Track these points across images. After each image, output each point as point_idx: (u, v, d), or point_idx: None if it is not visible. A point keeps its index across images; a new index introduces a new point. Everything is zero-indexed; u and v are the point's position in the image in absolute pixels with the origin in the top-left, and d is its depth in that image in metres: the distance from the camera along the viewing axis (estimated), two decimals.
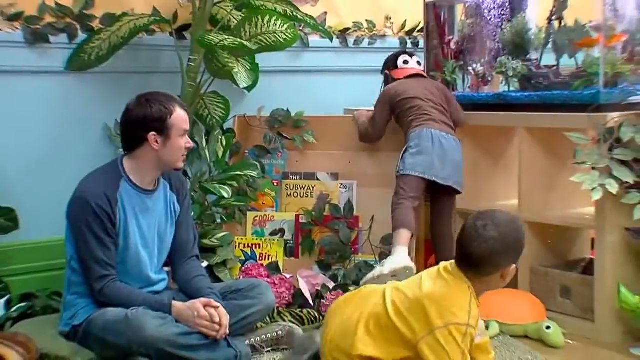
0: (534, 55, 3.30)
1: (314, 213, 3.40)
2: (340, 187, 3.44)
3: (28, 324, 2.71)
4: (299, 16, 3.42)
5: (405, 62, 3.39)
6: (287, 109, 3.55)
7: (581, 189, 2.85)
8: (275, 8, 3.36)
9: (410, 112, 3.20)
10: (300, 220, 3.39)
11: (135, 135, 2.48)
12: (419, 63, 3.44)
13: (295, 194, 3.46)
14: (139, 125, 2.46)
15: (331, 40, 3.72)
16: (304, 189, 3.45)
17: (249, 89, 3.66)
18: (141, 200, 2.53)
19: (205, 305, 2.43)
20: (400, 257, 2.89)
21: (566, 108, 3.03)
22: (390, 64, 3.42)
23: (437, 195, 3.22)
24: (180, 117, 2.50)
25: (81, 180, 2.52)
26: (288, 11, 3.40)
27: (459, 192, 3.21)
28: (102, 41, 3.22)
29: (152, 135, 2.47)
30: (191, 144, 2.55)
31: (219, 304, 2.45)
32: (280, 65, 3.82)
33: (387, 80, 3.42)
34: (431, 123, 3.15)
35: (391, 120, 3.32)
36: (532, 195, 3.18)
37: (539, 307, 3.02)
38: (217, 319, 2.40)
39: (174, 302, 2.46)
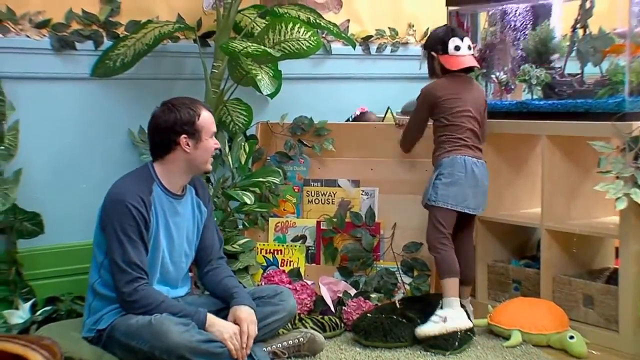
0: (557, 63, 3.30)
1: (335, 220, 3.39)
2: (361, 194, 3.43)
3: (53, 327, 2.70)
4: (322, 24, 3.43)
5: (457, 48, 3.02)
6: (310, 117, 3.56)
7: (605, 197, 2.83)
8: (298, 15, 3.39)
9: (447, 131, 3.03)
10: (322, 227, 3.39)
11: (166, 140, 2.51)
12: (469, 47, 3.08)
13: (317, 201, 3.46)
14: (169, 130, 2.50)
15: (354, 47, 3.71)
16: (325, 195, 3.45)
17: (272, 95, 3.65)
18: (172, 205, 2.56)
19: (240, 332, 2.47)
20: (461, 315, 2.89)
21: (590, 116, 3.02)
22: (439, 45, 3.05)
23: (460, 218, 3.12)
24: (207, 118, 2.55)
25: (114, 184, 2.54)
26: (311, 18, 3.41)
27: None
28: (127, 48, 3.24)
29: (183, 138, 2.51)
30: (219, 145, 2.60)
31: (253, 333, 2.48)
32: (303, 72, 3.83)
33: (433, 65, 3.09)
34: (464, 150, 3.02)
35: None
36: (555, 203, 3.16)
37: (562, 316, 3.01)
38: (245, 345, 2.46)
39: (209, 315, 2.46)
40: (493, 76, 3.54)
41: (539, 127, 3.17)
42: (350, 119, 3.73)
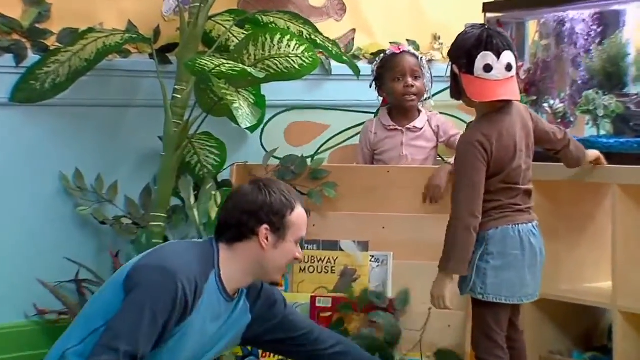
0: (633, 89, 3.27)
1: (349, 295, 3.30)
2: (370, 261, 3.38)
3: None
4: (318, 40, 3.44)
5: (488, 68, 2.77)
6: (302, 155, 3.51)
7: None
8: (288, 28, 3.40)
9: (496, 195, 2.86)
10: (317, 304, 3.34)
11: (244, 224, 2.58)
12: (509, 67, 2.80)
13: (311, 269, 3.39)
14: (253, 214, 2.58)
15: (357, 75, 3.68)
16: (322, 261, 3.40)
17: (253, 129, 3.65)
18: (219, 305, 2.61)
19: None
20: None
21: None
22: (464, 59, 2.81)
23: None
24: (301, 217, 2.65)
25: (169, 247, 2.65)
26: (304, 33, 3.44)
27: None
28: (59, 64, 3.25)
29: (264, 229, 2.58)
30: (301, 256, 2.69)
31: None
32: (294, 98, 3.84)
33: (456, 83, 2.86)
34: (517, 216, 2.86)
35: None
36: (632, 275, 3.13)
37: None
38: None
39: None
40: (546, 105, 3.50)
41: (608, 173, 3.15)
42: (375, 67, 3.60)
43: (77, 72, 3.24)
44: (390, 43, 4.02)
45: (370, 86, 3.58)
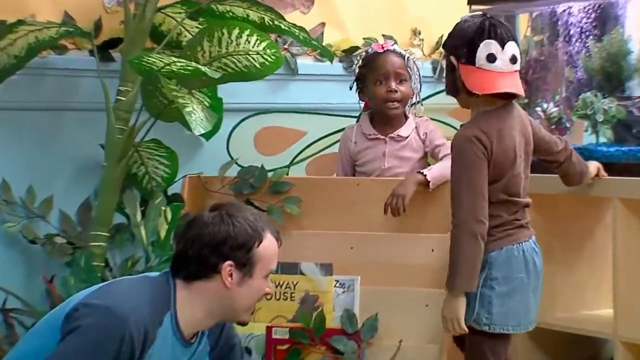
0: (636, 91, 3.32)
1: (307, 321, 3.28)
2: (335, 286, 3.34)
3: None
4: (282, 26, 3.41)
5: (492, 58, 2.79)
6: (262, 166, 3.51)
7: None
8: (247, 16, 3.38)
9: (496, 210, 2.85)
10: (274, 335, 3.33)
11: (205, 260, 2.52)
12: (513, 60, 2.84)
13: (269, 295, 3.21)
14: (213, 249, 2.52)
15: (331, 60, 3.71)
16: (281, 287, 3.37)
17: (208, 136, 3.61)
18: (174, 352, 2.55)
19: None
20: None
21: None
22: (464, 48, 2.82)
23: None
24: (270, 248, 2.59)
25: (120, 286, 2.55)
26: (266, 20, 3.39)
27: None
28: None
29: (228, 266, 2.52)
30: (271, 291, 2.67)
31: None
32: (255, 101, 3.84)
33: (453, 78, 2.86)
34: (519, 233, 2.87)
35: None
36: (636, 301, 3.14)
37: None
38: None
39: None
40: (538, 109, 3.55)
41: (608, 186, 3.15)
42: (357, 65, 3.59)
43: (5, 70, 3.22)
44: (365, 39, 4.13)
45: (351, 88, 3.56)
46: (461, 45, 2.83)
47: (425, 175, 3.27)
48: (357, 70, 3.56)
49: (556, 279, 3.37)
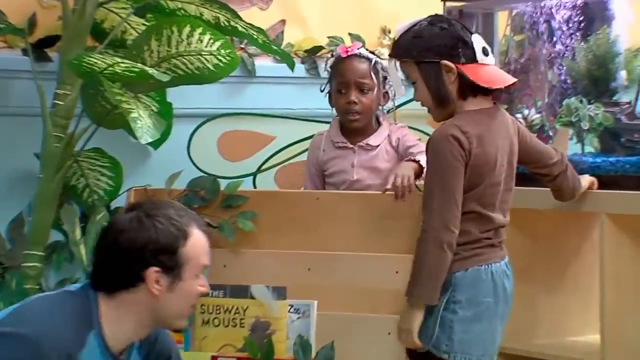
0: (624, 96, 3.33)
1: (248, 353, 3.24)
2: (289, 311, 3.30)
3: None
4: (239, 27, 3.42)
5: (486, 52, 2.87)
6: (214, 178, 3.48)
7: None
8: (201, 14, 3.38)
9: (465, 225, 2.83)
10: None
11: (126, 269, 2.49)
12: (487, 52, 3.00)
13: (217, 321, 3.34)
14: (134, 255, 2.48)
15: (292, 67, 3.70)
16: (230, 312, 3.34)
17: (156, 144, 3.62)
18: None
19: None
20: None
21: None
22: (459, 47, 2.85)
23: None
24: (199, 244, 2.55)
25: (32, 307, 2.50)
26: (222, 19, 3.41)
27: None
28: None
29: (153, 272, 2.47)
30: (207, 289, 2.61)
31: None
32: (208, 106, 3.85)
33: (440, 85, 2.88)
34: (491, 253, 2.86)
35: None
36: (625, 326, 3.14)
37: None
38: None
39: None
40: (519, 115, 3.55)
41: (594, 200, 3.16)
42: (329, 66, 3.59)
43: None
44: (329, 38, 4.17)
45: (322, 91, 3.53)
46: (454, 45, 2.85)
47: (418, 162, 3.24)
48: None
49: (538, 301, 3.39)
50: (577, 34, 3.45)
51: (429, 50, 2.89)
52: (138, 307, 2.51)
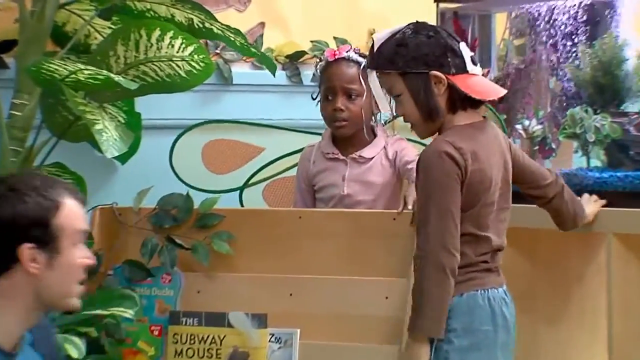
0: (633, 106, 3.35)
1: None
2: (270, 341, 3.30)
3: None
4: (215, 29, 3.43)
5: (474, 60, 2.91)
6: (188, 194, 3.48)
7: None
8: (172, 16, 3.39)
9: (461, 247, 2.83)
10: None
11: None
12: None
13: (191, 352, 3.35)
14: (1, 234, 2.46)
15: (274, 73, 3.71)
16: (205, 342, 3.34)
17: (123, 158, 3.65)
18: None
19: None
20: None
21: None
22: (447, 57, 2.86)
23: None
24: (72, 212, 2.52)
25: None
26: (195, 21, 3.42)
27: None
28: None
29: (27, 249, 2.45)
30: (92, 259, 2.58)
31: None
32: (180, 116, 3.87)
33: (429, 97, 2.86)
34: (487, 278, 2.85)
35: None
36: (634, 354, 3.13)
37: None
38: None
39: None
40: (519, 126, 3.62)
41: (601, 218, 3.14)
42: (318, 71, 3.61)
43: None
44: (313, 42, 4.29)
45: (314, 98, 3.54)
46: (443, 54, 2.85)
47: None
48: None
49: (539, 331, 3.40)
50: (582, 38, 3.48)
51: (416, 60, 2.89)
52: (18, 293, 2.49)
